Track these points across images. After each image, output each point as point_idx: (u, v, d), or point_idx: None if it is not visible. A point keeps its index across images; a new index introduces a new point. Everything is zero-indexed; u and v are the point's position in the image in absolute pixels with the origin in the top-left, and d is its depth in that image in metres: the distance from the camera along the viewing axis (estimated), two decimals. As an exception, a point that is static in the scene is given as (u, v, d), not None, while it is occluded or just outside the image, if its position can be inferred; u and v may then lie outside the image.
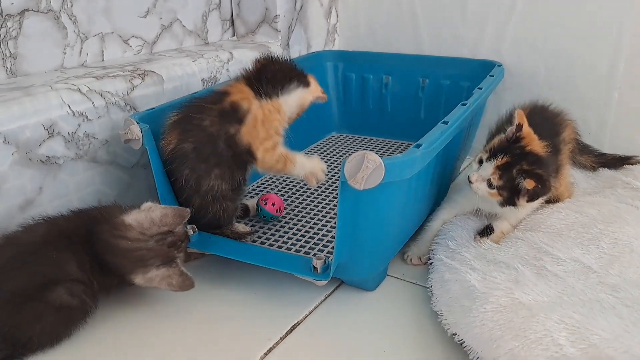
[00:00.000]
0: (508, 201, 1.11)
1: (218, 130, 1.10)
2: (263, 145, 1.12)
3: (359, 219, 0.96)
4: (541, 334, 0.83)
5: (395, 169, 0.89)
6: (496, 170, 1.09)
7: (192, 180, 1.11)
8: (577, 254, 1.02)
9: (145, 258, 0.99)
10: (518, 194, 1.09)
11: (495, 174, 1.09)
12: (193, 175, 1.11)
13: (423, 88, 1.72)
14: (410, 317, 1.05)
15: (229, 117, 1.11)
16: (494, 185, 1.10)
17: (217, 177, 1.12)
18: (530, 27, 1.59)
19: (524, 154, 1.09)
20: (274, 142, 1.14)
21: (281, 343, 0.99)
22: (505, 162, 1.09)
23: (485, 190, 1.11)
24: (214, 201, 1.14)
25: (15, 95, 1.10)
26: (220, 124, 1.11)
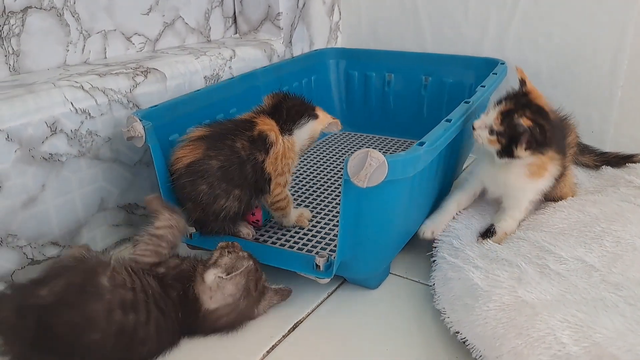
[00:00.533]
0: (506, 150, 1.09)
1: (248, 155, 1.12)
2: (277, 179, 1.15)
3: (362, 217, 0.96)
4: (544, 332, 0.83)
5: (399, 166, 0.89)
6: (499, 115, 1.09)
7: (206, 197, 1.10)
8: (580, 252, 1.02)
9: (249, 313, 1.01)
10: (516, 142, 1.07)
11: (497, 118, 1.09)
12: (210, 191, 1.10)
13: (426, 86, 1.71)
14: (413, 315, 1.05)
15: (259, 145, 1.13)
16: (494, 131, 1.09)
17: (235, 198, 1.12)
18: (533, 24, 1.59)
19: (529, 104, 1.09)
20: (286, 179, 1.17)
21: (284, 341, 0.99)
22: (510, 109, 1.08)
23: (486, 136, 1.10)
24: (216, 220, 1.14)
25: (18, 92, 1.10)
26: (250, 149, 1.12)
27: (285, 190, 1.18)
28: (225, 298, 0.97)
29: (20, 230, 1.11)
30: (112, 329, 0.87)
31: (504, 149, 1.09)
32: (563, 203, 1.22)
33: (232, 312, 0.98)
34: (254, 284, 1.00)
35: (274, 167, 1.14)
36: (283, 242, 1.20)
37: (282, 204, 1.19)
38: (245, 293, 0.98)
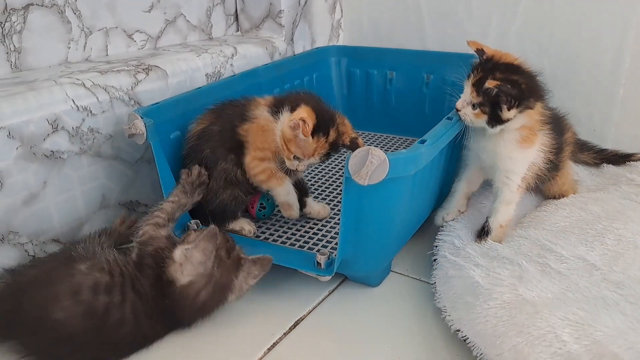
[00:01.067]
0: (493, 118, 1.06)
1: (235, 122, 1.17)
2: (254, 153, 1.16)
3: (363, 215, 0.96)
4: (545, 331, 0.83)
5: (400, 164, 0.89)
6: (472, 88, 1.07)
7: (209, 159, 1.17)
8: (581, 251, 1.02)
9: (227, 282, 0.99)
10: (499, 106, 1.04)
11: (472, 92, 1.07)
12: (212, 155, 1.17)
13: (427, 84, 1.71)
14: (414, 313, 1.05)
15: (243, 113, 1.17)
16: (475, 105, 1.07)
17: (232, 161, 1.17)
18: (535, 23, 1.59)
19: (496, 66, 1.07)
20: (264, 155, 1.16)
21: (285, 338, 0.99)
22: (479, 78, 1.06)
23: (471, 113, 1.08)
24: (226, 186, 1.17)
25: (19, 89, 1.10)
26: (237, 117, 1.18)
27: (262, 165, 1.16)
28: (195, 267, 0.95)
29: (22, 227, 1.11)
30: (77, 309, 0.88)
31: (491, 117, 1.07)
32: (565, 200, 1.22)
33: (208, 284, 0.96)
34: (226, 252, 0.98)
35: (253, 137, 1.15)
36: (284, 240, 1.20)
37: (262, 177, 1.17)
38: (217, 261, 0.96)
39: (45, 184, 1.13)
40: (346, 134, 1.12)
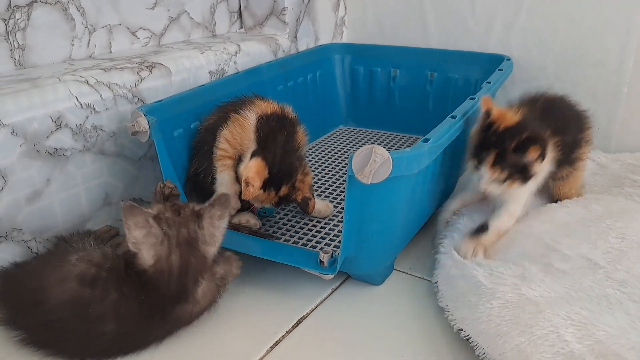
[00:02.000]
0: (527, 178, 1.04)
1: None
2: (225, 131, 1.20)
3: (366, 213, 0.96)
4: (548, 330, 0.83)
5: (403, 163, 0.89)
6: (493, 168, 1.03)
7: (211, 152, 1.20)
8: (585, 249, 1.01)
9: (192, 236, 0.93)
10: (529, 166, 1.03)
11: (495, 172, 1.03)
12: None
13: (431, 82, 1.71)
14: (417, 311, 1.05)
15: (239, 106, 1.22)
16: (504, 179, 1.04)
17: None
18: (540, 20, 1.58)
19: (503, 136, 1.03)
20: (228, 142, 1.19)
21: (287, 337, 0.99)
22: (495, 155, 1.03)
23: (502, 187, 1.05)
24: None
25: (23, 87, 1.11)
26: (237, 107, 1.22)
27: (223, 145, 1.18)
28: (147, 243, 0.91)
29: (25, 224, 1.11)
30: (64, 296, 0.89)
31: (524, 179, 1.05)
32: (567, 201, 1.21)
33: (172, 247, 0.92)
34: (173, 212, 0.94)
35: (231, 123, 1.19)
36: (287, 238, 1.20)
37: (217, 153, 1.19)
38: (165, 224, 0.92)
39: (48, 181, 1.13)
40: (300, 192, 1.14)
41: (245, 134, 1.17)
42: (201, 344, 0.98)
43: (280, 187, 1.11)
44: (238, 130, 1.18)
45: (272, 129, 1.16)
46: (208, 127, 1.23)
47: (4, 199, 1.07)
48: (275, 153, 1.12)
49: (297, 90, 1.65)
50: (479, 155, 1.05)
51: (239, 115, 1.19)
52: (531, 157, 1.02)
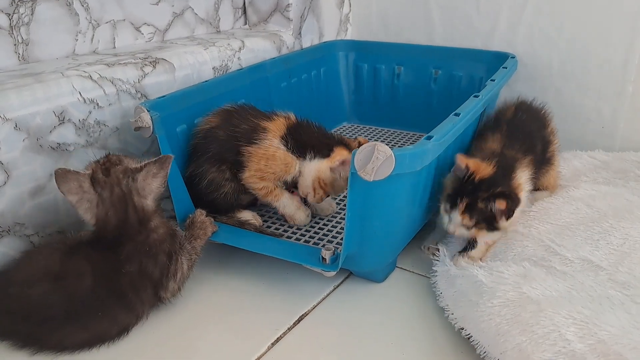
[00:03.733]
0: (492, 228, 1.08)
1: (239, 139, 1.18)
2: (254, 172, 1.17)
3: (369, 210, 0.96)
4: (549, 329, 0.82)
5: (406, 160, 0.88)
6: (463, 215, 1.06)
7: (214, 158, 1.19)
8: (586, 251, 1.01)
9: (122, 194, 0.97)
10: (495, 218, 1.06)
11: (465, 218, 1.06)
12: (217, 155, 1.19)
13: (435, 79, 1.71)
14: (419, 309, 1.05)
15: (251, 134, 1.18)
16: (471, 226, 1.08)
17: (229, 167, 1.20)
18: (545, 17, 1.58)
19: (476, 186, 1.06)
20: (264, 177, 1.18)
21: (289, 333, 0.99)
22: (467, 204, 1.05)
23: (468, 232, 1.09)
24: (231, 179, 1.20)
25: (27, 81, 1.10)
26: (243, 136, 1.18)
27: (265, 184, 1.18)
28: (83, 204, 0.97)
29: (28, 218, 1.11)
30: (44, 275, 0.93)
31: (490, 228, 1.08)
32: (573, 194, 1.20)
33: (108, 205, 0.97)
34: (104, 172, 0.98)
35: (254, 159, 1.17)
36: (290, 235, 1.20)
37: (259, 193, 1.20)
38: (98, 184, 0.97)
39: (51, 176, 1.13)
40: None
41: (277, 161, 1.17)
42: (203, 340, 0.98)
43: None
44: (266, 163, 1.17)
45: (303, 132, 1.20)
46: (207, 131, 1.21)
47: (7, 193, 1.07)
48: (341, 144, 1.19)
49: (301, 87, 1.65)
50: (452, 201, 1.08)
51: (258, 147, 1.17)
52: (499, 212, 1.05)
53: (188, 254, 1.05)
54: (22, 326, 0.93)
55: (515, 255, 1.05)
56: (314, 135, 1.21)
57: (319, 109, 1.71)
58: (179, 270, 1.02)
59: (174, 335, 0.99)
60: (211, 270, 1.16)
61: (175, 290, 1.03)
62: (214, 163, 1.19)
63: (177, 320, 1.03)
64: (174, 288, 1.02)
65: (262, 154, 1.16)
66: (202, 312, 1.05)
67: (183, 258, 1.03)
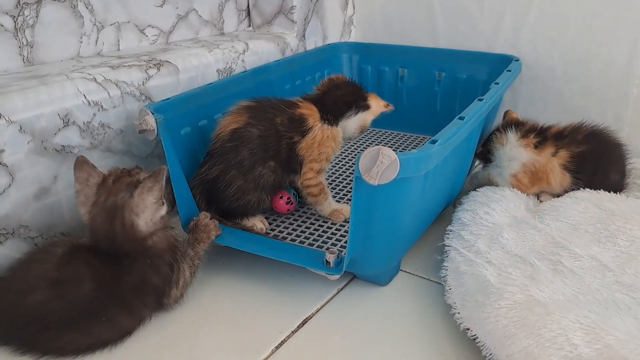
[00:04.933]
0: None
1: (285, 131, 1.17)
2: (310, 164, 1.18)
3: (373, 214, 0.96)
4: (556, 333, 0.82)
5: (411, 164, 0.88)
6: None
7: (246, 161, 1.15)
8: (595, 251, 1.01)
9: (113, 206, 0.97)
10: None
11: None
12: (251, 157, 1.15)
13: (439, 82, 1.70)
14: (423, 312, 1.05)
15: (296, 125, 1.18)
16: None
17: (270, 168, 1.17)
18: (549, 20, 1.58)
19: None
20: (321, 167, 1.20)
21: (293, 336, 0.99)
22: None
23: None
24: (256, 189, 1.17)
25: (31, 84, 1.10)
26: (288, 127, 1.17)
27: (318, 177, 1.20)
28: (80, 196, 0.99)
29: (32, 221, 1.11)
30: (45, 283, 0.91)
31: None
32: (582, 195, 1.19)
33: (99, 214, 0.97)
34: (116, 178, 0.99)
35: (308, 151, 1.17)
36: (293, 237, 1.20)
37: (313, 190, 1.21)
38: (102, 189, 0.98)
39: (56, 179, 1.13)
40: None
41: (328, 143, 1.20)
42: (206, 343, 0.98)
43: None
44: (319, 150, 1.18)
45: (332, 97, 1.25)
46: (235, 132, 1.15)
47: (12, 195, 1.07)
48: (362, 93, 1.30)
49: (305, 89, 1.63)
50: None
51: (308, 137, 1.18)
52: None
53: (190, 260, 1.05)
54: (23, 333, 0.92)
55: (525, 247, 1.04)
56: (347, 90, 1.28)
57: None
58: (181, 278, 1.02)
59: (176, 338, 0.99)
60: (214, 273, 1.16)
61: (178, 297, 1.03)
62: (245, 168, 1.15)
63: (179, 323, 1.02)
64: (176, 295, 1.02)
65: (311, 141, 1.18)
66: (205, 315, 1.05)
67: (185, 266, 1.03)
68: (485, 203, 1.19)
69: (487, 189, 1.26)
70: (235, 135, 1.15)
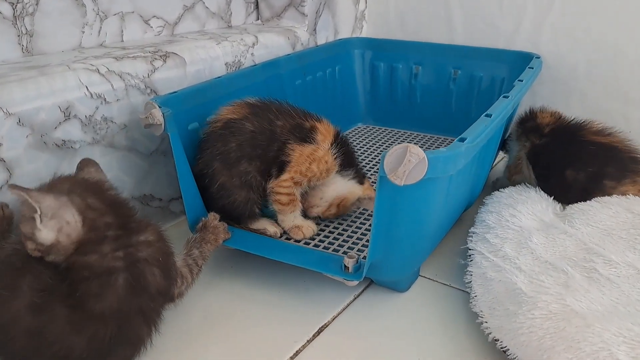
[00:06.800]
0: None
1: (281, 135, 1.10)
2: (293, 174, 1.10)
3: (397, 216, 0.89)
4: (598, 347, 0.76)
5: (439, 164, 0.82)
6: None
7: (233, 153, 1.09)
8: (631, 258, 0.95)
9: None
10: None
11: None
12: (237, 151, 1.09)
13: (454, 80, 1.65)
14: (445, 320, 0.99)
15: (300, 133, 1.11)
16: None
17: (255, 167, 1.10)
18: (571, 17, 1.51)
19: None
20: (301, 181, 1.11)
21: (308, 346, 0.93)
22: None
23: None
24: (242, 187, 1.10)
25: (31, 74, 1.04)
26: (288, 132, 1.11)
27: (293, 188, 1.11)
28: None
29: (30, 220, 1.05)
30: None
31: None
32: (610, 199, 1.13)
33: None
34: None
35: (299, 159, 1.09)
36: (307, 241, 1.13)
37: (282, 199, 1.11)
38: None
39: (56, 175, 1.07)
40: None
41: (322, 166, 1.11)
42: (219, 353, 0.92)
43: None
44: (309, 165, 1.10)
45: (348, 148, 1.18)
46: (229, 122, 1.11)
47: (8, 193, 1.00)
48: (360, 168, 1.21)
49: (316, 85, 1.59)
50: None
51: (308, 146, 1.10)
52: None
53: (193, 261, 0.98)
54: None
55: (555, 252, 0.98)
56: (356, 156, 1.21)
57: (333, 108, 1.65)
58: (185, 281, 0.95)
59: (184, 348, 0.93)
60: (223, 278, 1.10)
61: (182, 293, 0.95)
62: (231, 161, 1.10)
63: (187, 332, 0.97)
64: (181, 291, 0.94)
65: (309, 154, 1.10)
66: (214, 324, 0.99)
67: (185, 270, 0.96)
68: (511, 205, 1.13)
69: (511, 190, 1.20)
70: (229, 124, 1.10)
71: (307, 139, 1.10)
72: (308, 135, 1.11)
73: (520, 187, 1.22)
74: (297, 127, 1.12)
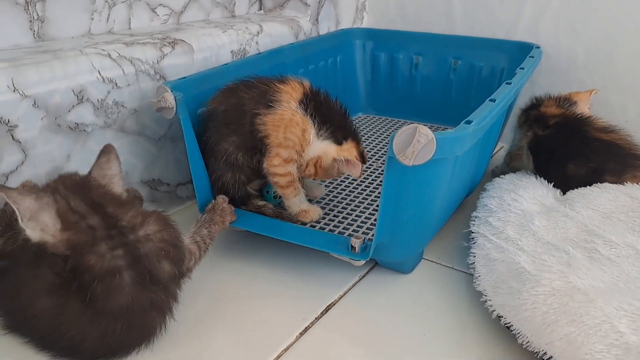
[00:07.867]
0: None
1: (249, 106, 1.10)
2: (277, 149, 1.09)
3: (404, 197, 0.92)
4: (600, 320, 0.79)
5: (447, 144, 0.85)
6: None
7: (213, 138, 1.12)
8: (630, 239, 0.98)
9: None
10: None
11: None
12: (216, 134, 1.12)
13: (455, 70, 1.67)
14: (449, 299, 1.02)
15: (264, 98, 1.10)
16: None
17: (234, 144, 1.11)
18: (571, 8, 1.54)
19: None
20: (290, 155, 1.10)
21: (317, 323, 0.96)
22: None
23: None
24: (227, 168, 1.12)
25: (45, 57, 1.06)
26: (256, 101, 1.10)
27: (287, 167, 1.10)
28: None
29: (44, 201, 1.07)
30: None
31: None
32: (608, 185, 1.16)
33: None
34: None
35: (273, 131, 1.09)
36: (314, 223, 1.16)
37: (280, 180, 1.11)
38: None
39: (69, 157, 1.09)
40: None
41: (295, 128, 1.08)
42: (230, 330, 0.94)
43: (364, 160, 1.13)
44: (284, 132, 1.08)
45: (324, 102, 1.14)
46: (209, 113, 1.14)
47: (24, 173, 1.03)
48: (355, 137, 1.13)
49: (318, 75, 1.61)
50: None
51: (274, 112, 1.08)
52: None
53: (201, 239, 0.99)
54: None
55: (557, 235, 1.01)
56: (335, 112, 1.13)
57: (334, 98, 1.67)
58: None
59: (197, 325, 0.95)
60: (233, 259, 1.13)
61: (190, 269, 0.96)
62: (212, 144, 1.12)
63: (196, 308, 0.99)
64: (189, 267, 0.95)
65: (279, 119, 1.08)
66: (227, 302, 1.01)
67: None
68: (512, 190, 1.16)
69: (512, 176, 1.23)
70: (208, 115, 1.14)
71: (272, 103, 1.09)
72: (272, 100, 1.09)
73: (520, 174, 1.25)
74: (262, 94, 1.10)
